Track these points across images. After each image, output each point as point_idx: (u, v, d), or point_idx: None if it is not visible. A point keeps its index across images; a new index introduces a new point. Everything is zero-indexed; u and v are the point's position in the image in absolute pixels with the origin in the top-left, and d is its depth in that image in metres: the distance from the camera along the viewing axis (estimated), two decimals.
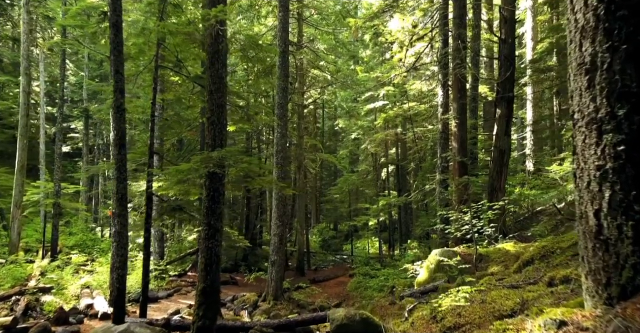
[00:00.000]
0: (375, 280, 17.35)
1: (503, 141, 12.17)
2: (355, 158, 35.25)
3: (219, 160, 6.69)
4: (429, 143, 20.23)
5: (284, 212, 14.74)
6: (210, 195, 6.97)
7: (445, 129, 13.51)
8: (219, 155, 6.60)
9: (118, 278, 7.92)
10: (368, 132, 25.30)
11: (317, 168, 32.77)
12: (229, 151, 6.61)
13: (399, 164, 23.78)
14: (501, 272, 6.52)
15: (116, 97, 8.27)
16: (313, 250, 28.74)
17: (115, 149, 8.25)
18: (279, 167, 14.29)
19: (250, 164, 6.98)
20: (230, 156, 6.78)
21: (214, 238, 6.92)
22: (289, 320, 8.19)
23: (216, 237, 6.95)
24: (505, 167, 12.33)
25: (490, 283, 4.83)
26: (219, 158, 6.67)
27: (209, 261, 6.83)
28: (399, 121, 22.21)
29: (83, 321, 10.59)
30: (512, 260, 7.61)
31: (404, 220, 25.39)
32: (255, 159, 7.55)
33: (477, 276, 6.88)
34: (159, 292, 14.19)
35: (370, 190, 29.25)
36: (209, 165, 6.43)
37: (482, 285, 4.87)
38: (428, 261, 8.80)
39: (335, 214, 33.54)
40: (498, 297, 3.64)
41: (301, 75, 21.26)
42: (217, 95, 7.16)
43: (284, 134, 14.54)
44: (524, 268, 5.60)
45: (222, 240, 7.19)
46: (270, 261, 14.43)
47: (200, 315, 6.55)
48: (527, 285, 4.20)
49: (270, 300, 14.06)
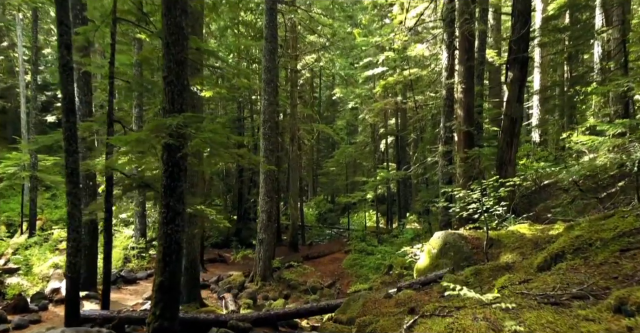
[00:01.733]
0: (372, 258, 16.40)
1: (515, 108, 10.85)
2: (353, 129, 33.88)
3: (176, 129, 5.44)
4: (431, 112, 18.88)
5: (273, 187, 13.58)
6: (168, 171, 5.76)
7: (449, 95, 12.17)
8: (175, 123, 5.34)
9: (70, 267, 6.80)
10: (366, 101, 23.86)
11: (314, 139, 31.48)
12: (187, 117, 5.35)
13: (398, 135, 22.48)
14: (520, 266, 5.38)
15: (62, 54, 6.92)
16: (309, 223, 27.81)
17: (63, 115, 6.97)
18: (267, 138, 13.05)
19: (216, 133, 5.72)
20: (191, 123, 5.53)
21: (174, 223, 5.76)
22: (269, 313, 7.15)
23: (176, 221, 5.78)
24: (516, 138, 11.07)
25: (514, 290, 3.68)
26: (176, 126, 5.42)
27: (168, 250, 5.69)
28: (398, 89, 20.76)
29: (47, 307, 9.60)
30: (529, 247, 6.49)
31: (403, 193, 24.32)
32: (220, 127, 6.24)
33: (489, 267, 5.75)
34: (138, 273, 13.22)
35: (368, 163, 28.07)
36: (161, 134, 5.19)
37: (503, 292, 3.73)
38: (429, 245, 7.69)
39: (331, 187, 32.49)
40: (539, 327, 2.49)
41: (294, 38, 19.66)
42: (175, 49, 5.83)
43: (272, 101, 13.21)
44: (553, 263, 4.46)
45: (186, 224, 6.03)
46: (259, 239, 13.40)
47: (158, 315, 5.47)
48: (571, 299, 3.05)
49: (259, 281, 13.11)
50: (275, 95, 14.28)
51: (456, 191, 7.69)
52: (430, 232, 16.25)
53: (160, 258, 5.68)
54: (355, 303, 6.40)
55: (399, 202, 23.73)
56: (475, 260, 6.96)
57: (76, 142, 7.01)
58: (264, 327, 7.15)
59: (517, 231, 7.37)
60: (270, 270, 13.47)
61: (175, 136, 5.54)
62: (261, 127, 13.35)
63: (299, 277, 14.71)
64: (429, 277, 6.75)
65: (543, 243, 6.33)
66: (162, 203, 5.78)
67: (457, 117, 11.57)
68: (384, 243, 18.36)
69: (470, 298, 4.10)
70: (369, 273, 14.91)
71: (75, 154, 6.96)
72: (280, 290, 12.99)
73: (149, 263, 14.21)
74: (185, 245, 10.32)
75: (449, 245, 7.29)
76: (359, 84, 24.57)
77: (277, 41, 13.97)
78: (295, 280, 14.04)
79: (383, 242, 18.62)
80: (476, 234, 7.51)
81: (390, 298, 6.35)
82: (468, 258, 7.04)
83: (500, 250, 6.87)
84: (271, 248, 13.60)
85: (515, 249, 6.60)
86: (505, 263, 5.88)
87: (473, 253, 7.11)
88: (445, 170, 11.73)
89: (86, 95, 10.97)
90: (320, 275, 15.62)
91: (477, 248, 7.18)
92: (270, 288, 13.03)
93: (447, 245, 7.32)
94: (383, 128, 24.79)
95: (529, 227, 7.48)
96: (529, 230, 7.24)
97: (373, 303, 6.25)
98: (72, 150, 6.95)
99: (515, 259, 6.13)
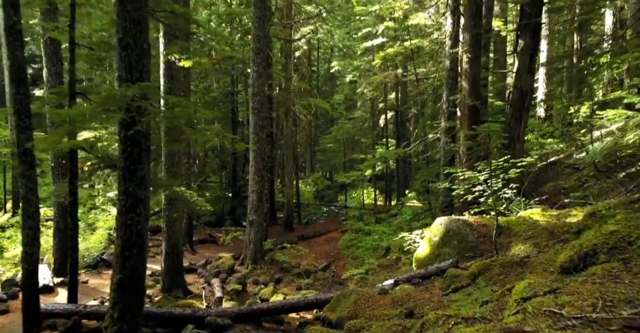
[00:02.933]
0: (369, 239, 15.72)
1: (525, 80, 9.93)
2: (351, 104, 32.79)
3: (132, 102, 4.56)
4: (432, 85, 17.84)
5: (264, 166, 12.75)
6: (127, 152, 4.91)
7: (453, 66, 11.18)
8: (130, 94, 4.46)
9: (26, 258, 6.04)
10: (365, 74, 22.73)
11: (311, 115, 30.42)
12: (143, 88, 4.45)
13: (398, 110, 21.49)
14: (537, 262, 4.60)
15: (7, 15, 5.97)
16: (306, 201, 27.13)
17: (11, 86, 6.07)
18: (256, 113, 12.13)
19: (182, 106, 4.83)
20: (151, 95, 4.64)
21: (135, 212, 4.95)
22: (251, 309, 6.43)
23: (138, 209, 4.97)
24: (525, 112, 10.20)
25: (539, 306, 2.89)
26: (132, 98, 4.54)
27: (127, 244, 4.90)
28: (399, 61, 19.63)
29: (17, 296, 8.91)
30: (544, 237, 5.71)
31: (402, 169, 23.52)
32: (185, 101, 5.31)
33: (500, 262, 4.98)
34: None
35: (367, 139, 27.16)
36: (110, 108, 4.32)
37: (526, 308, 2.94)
38: (430, 232, 6.91)
39: (329, 164, 31.64)
40: None
41: (287, 6, 18.43)
42: (131, 6, 4.88)
43: (262, 73, 12.22)
44: (581, 264, 3.66)
45: (149, 212, 5.22)
46: (249, 221, 12.67)
47: (116, 318, 4.72)
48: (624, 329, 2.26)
49: (249, 265, 12.45)
50: (266, 67, 13.28)
51: (461, 172, 6.85)
52: (430, 212, 15.54)
53: (119, 253, 4.90)
54: (346, 300, 5.66)
55: (398, 179, 22.95)
56: (482, 251, 6.21)
57: (29, 117, 6.14)
58: (245, 323, 6.45)
59: (528, 217, 6.58)
60: (261, 252, 12.79)
61: (133, 110, 4.66)
62: (250, 101, 12.40)
63: (293, 259, 14.05)
64: (429, 269, 6.00)
65: (561, 233, 5.55)
66: (120, 189, 4.95)
67: (462, 90, 10.64)
68: (382, 222, 17.68)
69: (481, 310, 3.33)
70: (365, 254, 14.26)
71: (28, 130, 6.10)
72: (272, 274, 12.33)
73: None
74: (166, 229, 9.61)
75: (453, 233, 6.52)
76: (357, 56, 23.40)
77: (267, 7, 12.88)
78: (288, 263, 13.38)
79: (381, 221, 17.93)
80: (483, 220, 6.72)
81: (385, 295, 5.62)
82: (474, 248, 6.28)
83: (510, 240, 6.10)
84: (262, 229, 12.89)
85: (528, 239, 5.82)
86: (518, 257, 5.10)
87: (479, 242, 6.35)
88: (447, 147, 10.88)
89: (55, 66, 9.99)
90: (314, 257, 14.98)
91: (483, 237, 6.41)
92: (261, 271, 12.38)
93: (450, 233, 6.55)
94: (382, 103, 23.77)
95: (542, 212, 6.69)
96: (542, 216, 6.46)
97: (366, 300, 5.52)
98: (25, 126, 6.08)
99: (529, 252, 5.35)
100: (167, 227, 9.41)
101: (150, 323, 6.52)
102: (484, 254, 6.06)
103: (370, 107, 24.24)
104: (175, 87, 9.34)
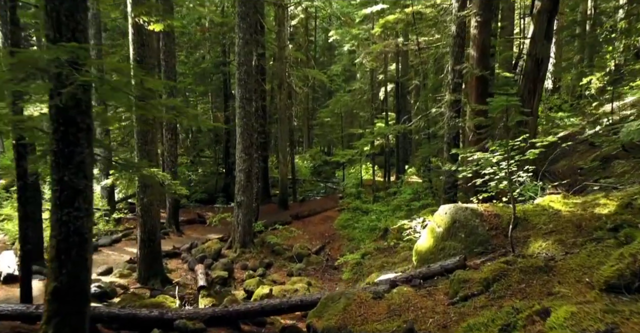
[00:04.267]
0: (366, 219, 14.89)
1: (541, 47, 8.83)
2: (350, 75, 31.46)
3: (60, 67, 3.56)
4: (435, 55, 16.64)
5: (252, 143, 11.78)
6: (60, 132, 3.95)
7: (460, 31, 10.03)
8: (54, 57, 3.45)
9: None
10: (364, 43, 21.40)
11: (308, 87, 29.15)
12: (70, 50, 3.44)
13: (399, 82, 20.31)
14: (566, 268, 3.72)
15: None
16: (302, 177, 26.27)
17: None
18: (243, 85, 11.07)
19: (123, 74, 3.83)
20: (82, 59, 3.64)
21: (72, 206, 4.03)
22: (226, 310, 5.60)
23: (77, 203, 4.05)
24: (540, 83, 9.16)
25: None
26: (60, 63, 3.54)
27: (64, 245, 4.00)
28: (400, 28, 18.34)
29: None
30: (570, 231, 4.81)
31: (402, 144, 22.55)
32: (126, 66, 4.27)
33: (519, 267, 4.09)
34: (101, 238, 11.68)
35: (366, 113, 26.01)
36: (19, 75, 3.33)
37: None
38: (434, 221, 6.02)
39: (326, 140, 30.57)
40: None
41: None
42: None
43: (249, 39, 11.08)
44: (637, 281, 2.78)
45: (92, 205, 4.29)
46: (237, 202, 11.81)
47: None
48: None
49: (237, 248, 11.66)
50: (254, 34, 12.12)
51: (469, 153, 5.88)
52: (431, 190, 14.67)
53: (54, 256, 4.01)
54: (335, 305, 4.82)
55: (398, 154, 22.01)
56: (494, 246, 5.32)
57: None
58: (220, 327, 5.65)
59: (548, 206, 5.67)
60: (250, 235, 11.99)
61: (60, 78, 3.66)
62: (236, 71, 11.31)
63: (285, 241, 13.27)
64: (432, 268, 5.13)
65: (591, 228, 4.66)
66: (52, 177, 4.01)
67: (470, 58, 9.54)
68: (380, 200, 16.84)
69: None
70: (362, 236, 13.47)
71: None
72: (262, 258, 11.56)
73: (115, 226, 12.68)
74: (141, 214, 8.72)
75: (459, 224, 5.62)
76: (355, 24, 22.00)
77: None
78: (280, 245, 12.60)
79: (379, 199, 17.10)
80: (494, 209, 5.81)
81: (380, 300, 4.77)
82: (484, 243, 5.40)
83: (527, 234, 5.21)
84: (251, 211, 12.05)
85: (549, 234, 4.93)
86: (540, 258, 4.21)
87: (490, 236, 5.46)
88: (452, 123, 9.87)
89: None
90: (308, 239, 14.20)
91: (495, 229, 5.52)
92: (251, 255, 11.61)
93: (456, 224, 5.65)
94: (382, 74, 22.54)
95: (563, 199, 5.76)
96: (564, 205, 5.54)
97: (358, 306, 4.67)
98: None
99: (553, 251, 4.46)
100: (141, 212, 8.53)
101: (114, 326, 5.73)
102: (496, 250, 5.19)
103: (370, 78, 23.01)
104: (146, 54, 8.27)
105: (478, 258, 5.21)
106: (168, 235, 13.27)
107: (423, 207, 12.71)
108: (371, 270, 9.74)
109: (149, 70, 8.35)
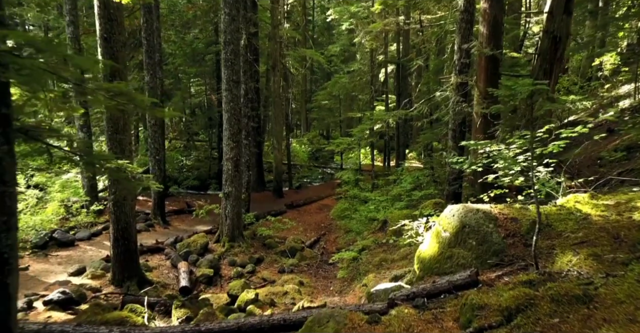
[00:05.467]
0: (364, 208, 14.08)
1: (560, 23, 7.86)
2: (349, 55, 30.28)
3: None
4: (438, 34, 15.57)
5: (240, 129, 10.89)
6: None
7: (468, 6, 9.06)
8: None
9: None
10: (363, 22, 20.26)
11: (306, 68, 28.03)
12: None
13: (399, 63, 19.25)
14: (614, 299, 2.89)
15: None
16: (300, 162, 25.42)
17: None
18: (229, 66, 10.14)
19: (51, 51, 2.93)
20: None
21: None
22: (198, 329, 4.80)
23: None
24: (558, 63, 8.19)
25: None
26: None
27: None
28: (401, 5, 17.20)
29: None
30: (606, 243, 3.98)
31: (403, 129, 21.60)
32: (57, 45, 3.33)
33: (550, 293, 3.27)
34: (77, 233, 10.89)
35: (365, 95, 25.00)
36: None
37: None
38: (440, 224, 5.19)
39: (323, 124, 29.58)
40: None
41: None
42: None
43: (235, 16, 10.09)
44: None
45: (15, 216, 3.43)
46: (224, 193, 10.98)
47: None
48: None
49: (225, 242, 10.89)
50: (242, 9, 11.10)
51: (480, 146, 5.00)
52: (433, 179, 13.82)
53: None
54: (321, 330, 4.02)
55: (398, 139, 21.09)
56: (511, 257, 4.49)
57: None
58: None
59: (574, 208, 4.82)
60: (239, 228, 11.19)
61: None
62: (222, 50, 10.34)
63: (278, 233, 12.51)
64: (438, 284, 4.31)
65: (633, 238, 3.82)
66: None
67: (479, 36, 8.57)
68: (379, 188, 16.02)
69: None
70: (360, 227, 12.69)
71: None
72: (252, 253, 10.80)
73: (97, 219, 11.88)
74: (114, 210, 7.90)
75: (470, 229, 4.79)
76: (354, 1, 20.84)
77: None
78: (272, 238, 11.84)
79: (379, 187, 16.28)
80: (510, 212, 4.96)
81: (377, 325, 3.97)
82: (499, 253, 4.57)
83: (552, 243, 4.37)
84: (240, 202, 11.22)
85: (580, 245, 4.09)
86: (577, 285, 3.38)
87: (507, 244, 4.62)
88: (458, 108, 8.97)
89: None
90: (303, 230, 13.44)
91: (512, 237, 4.68)
92: (240, 250, 10.83)
93: (466, 229, 4.82)
94: (382, 55, 21.44)
95: (591, 200, 4.92)
96: (594, 208, 4.70)
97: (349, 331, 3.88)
98: None
99: (589, 270, 3.63)
100: (114, 207, 7.70)
101: None
102: (514, 262, 4.37)
103: (369, 59, 21.93)
104: (115, 31, 7.31)
105: (492, 272, 4.40)
106: (153, 227, 12.48)
107: (425, 198, 11.91)
108: (368, 268, 8.98)
109: (118, 49, 7.43)
